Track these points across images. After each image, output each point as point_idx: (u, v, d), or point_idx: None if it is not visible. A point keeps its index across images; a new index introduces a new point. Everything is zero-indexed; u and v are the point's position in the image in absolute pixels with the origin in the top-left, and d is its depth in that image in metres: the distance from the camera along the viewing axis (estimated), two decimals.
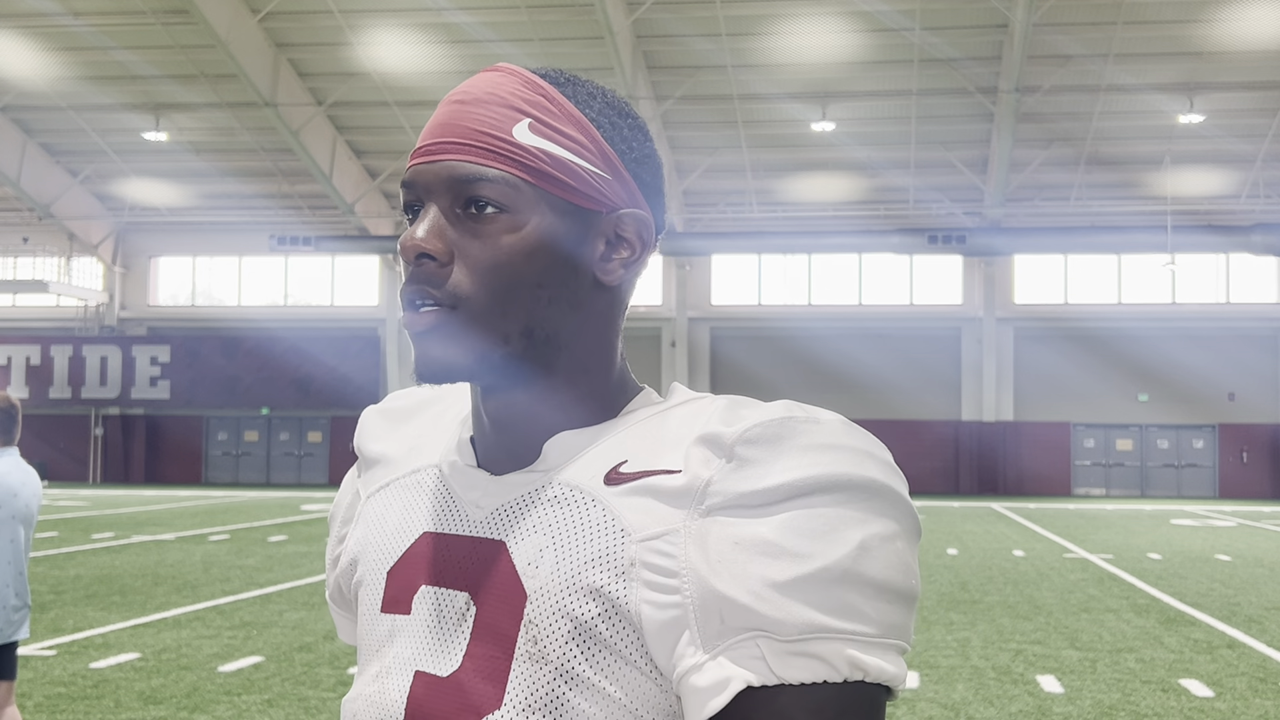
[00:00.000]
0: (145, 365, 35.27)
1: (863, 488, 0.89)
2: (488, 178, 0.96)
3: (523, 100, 0.99)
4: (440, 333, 0.95)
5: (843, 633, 0.86)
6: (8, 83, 28.64)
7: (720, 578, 0.88)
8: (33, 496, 5.15)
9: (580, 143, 0.99)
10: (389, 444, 1.13)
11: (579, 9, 24.74)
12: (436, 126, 0.99)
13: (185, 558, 14.70)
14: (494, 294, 0.96)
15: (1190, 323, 32.09)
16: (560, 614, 0.92)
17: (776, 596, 0.86)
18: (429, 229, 0.96)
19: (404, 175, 1.00)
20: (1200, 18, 24.27)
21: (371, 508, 1.10)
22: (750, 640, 0.87)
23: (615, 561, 0.92)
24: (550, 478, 0.98)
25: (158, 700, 7.12)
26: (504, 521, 0.98)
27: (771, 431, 0.91)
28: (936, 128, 28.86)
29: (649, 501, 0.92)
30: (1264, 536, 19.17)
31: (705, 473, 0.91)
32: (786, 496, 0.88)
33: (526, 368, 0.98)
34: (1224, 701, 7.33)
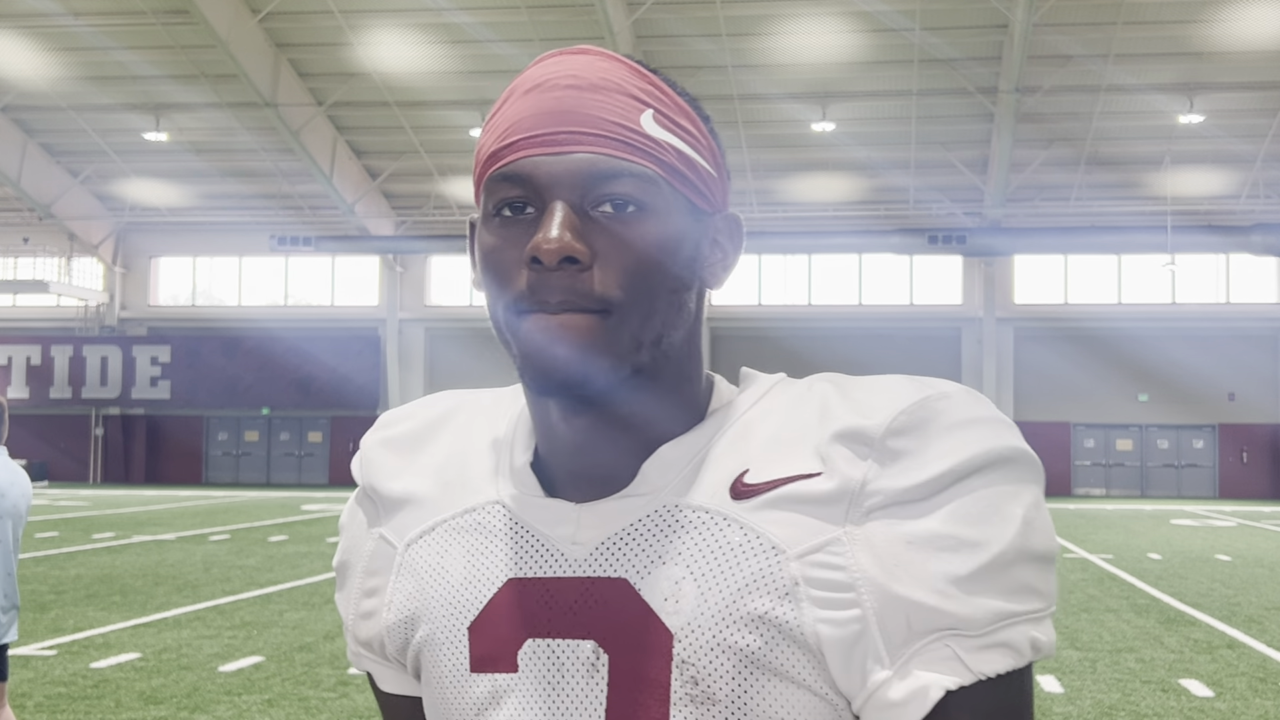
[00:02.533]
0: (145, 365, 35.27)
1: (1009, 459, 0.86)
2: (631, 173, 0.88)
3: (638, 89, 0.91)
4: (585, 339, 0.86)
5: (1024, 614, 0.85)
6: (8, 83, 28.64)
7: (901, 581, 0.83)
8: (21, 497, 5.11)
9: (696, 138, 0.93)
10: (410, 480, 1.01)
11: (579, 9, 24.75)
12: (553, 114, 0.89)
13: (185, 558, 14.70)
14: (639, 300, 0.87)
15: (1190, 323, 32.09)
16: (720, 648, 0.85)
17: (962, 592, 0.83)
18: (569, 228, 0.86)
19: (500, 167, 0.89)
20: (1200, 18, 24.27)
21: (418, 558, 0.98)
22: (939, 641, 0.83)
23: (775, 583, 0.85)
24: (661, 500, 0.90)
25: (158, 700, 7.12)
26: (617, 556, 0.90)
27: (916, 418, 0.86)
28: (936, 128, 28.86)
29: (793, 513, 0.86)
30: (1264, 536, 19.17)
31: (856, 472, 0.86)
32: (946, 484, 0.85)
33: (643, 378, 0.90)
34: (1224, 701, 7.33)
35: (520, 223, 0.88)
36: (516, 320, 0.88)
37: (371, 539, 1.03)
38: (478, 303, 34.80)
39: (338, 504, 25.70)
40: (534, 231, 0.87)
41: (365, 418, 34.71)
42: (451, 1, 24.73)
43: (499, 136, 0.90)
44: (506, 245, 0.89)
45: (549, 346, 0.86)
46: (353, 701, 7.14)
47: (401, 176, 32.61)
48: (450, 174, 32.21)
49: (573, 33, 25.73)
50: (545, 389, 0.88)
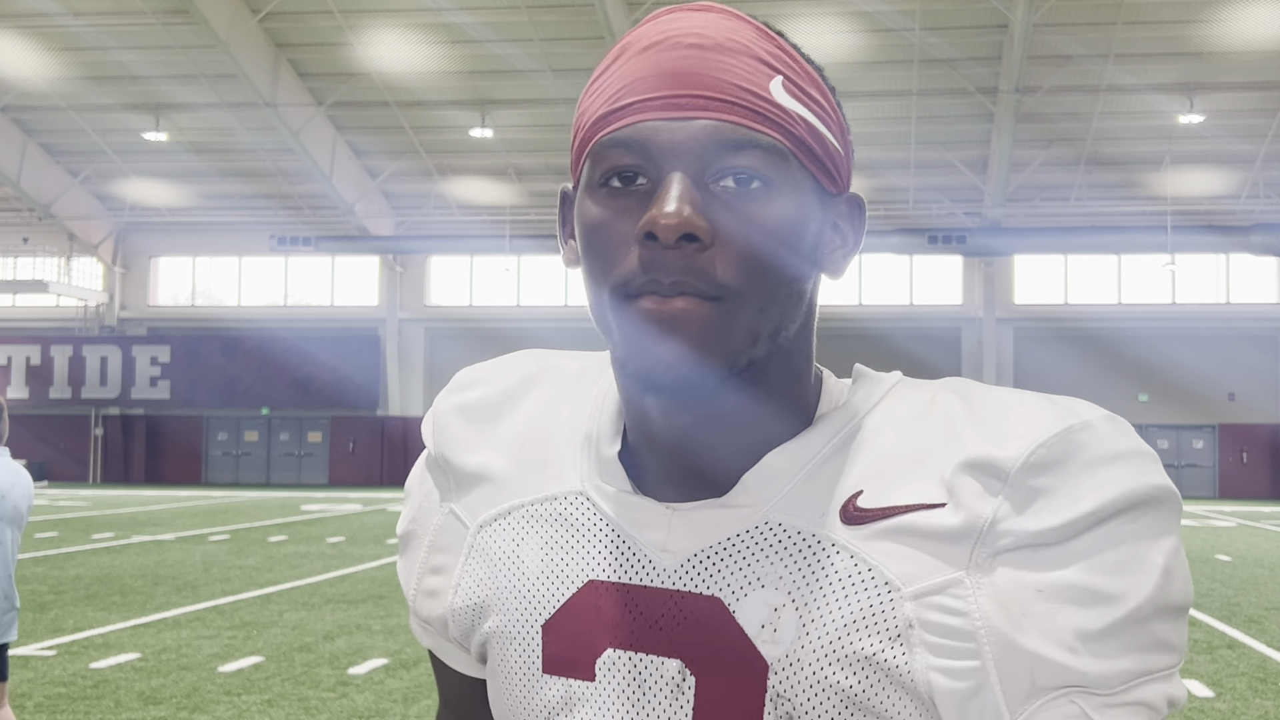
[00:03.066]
0: (145, 365, 35.27)
1: (1155, 499, 0.79)
2: (758, 144, 0.79)
3: (767, 52, 0.82)
4: (700, 327, 0.78)
5: (1159, 670, 0.78)
6: (8, 83, 28.64)
7: (1027, 634, 0.76)
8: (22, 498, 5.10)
9: (825, 110, 0.84)
10: (488, 455, 0.94)
11: (579, 9, 24.75)
12: (674, 75, 0.80)
13: (185, 558, 14.70)
14: (759, 286, 0.79)
15: (1190, 323, 32.09)
16: (820, 686, 0.79)
17: (1094, 647, 0.76)
18: (689, 202, 0.77)
19: (612, 130, 0.81)
20: (1200, 18, 24.27)
21: (492, 542, 0.93)
22: (1065, 698, 0.76)
23: (886, 623, 0.78)
24: (763, 515, 0.83)
25: (158, 700, 7.12)
26: (710, 571, 0.83)
27: (1056, 452, 0.78)
28: (936, 128, 28.86)
29: (910, 547, 0.79)
30: (1264, 537, 19.17)
31: (985, 509, 0.78)
32: (1085, 529, 0.77)
33: (754, 374, 0.82)
34: (1224, 701, 7.33)
35: (631, 194, 0.80)
36: (622, 305, 0.80)
37: (441, 513, 0.97)
38: (478, 302, 34.83)
39: (337, 504, 25.69)
40: (646, 205, 0.79)
41: (365, 418, 34.73)
42: (451, 1, 24.73)
43: (610, 98, 0.82)
44: (615, 219, 0.80)
45: (658, 337, 0.78)
46: (353, 701, 7.13)
47: (401, 176, 32.60)
48: (450, 174, 32.21)
49: (573, 32, 25.74)
50: (648, 387, 0.81)
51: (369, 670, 8.02)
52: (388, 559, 14.64)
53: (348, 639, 9.12)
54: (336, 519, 21.37)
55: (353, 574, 13.15)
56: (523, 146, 30.56)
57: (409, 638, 9.19)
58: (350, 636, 9.25)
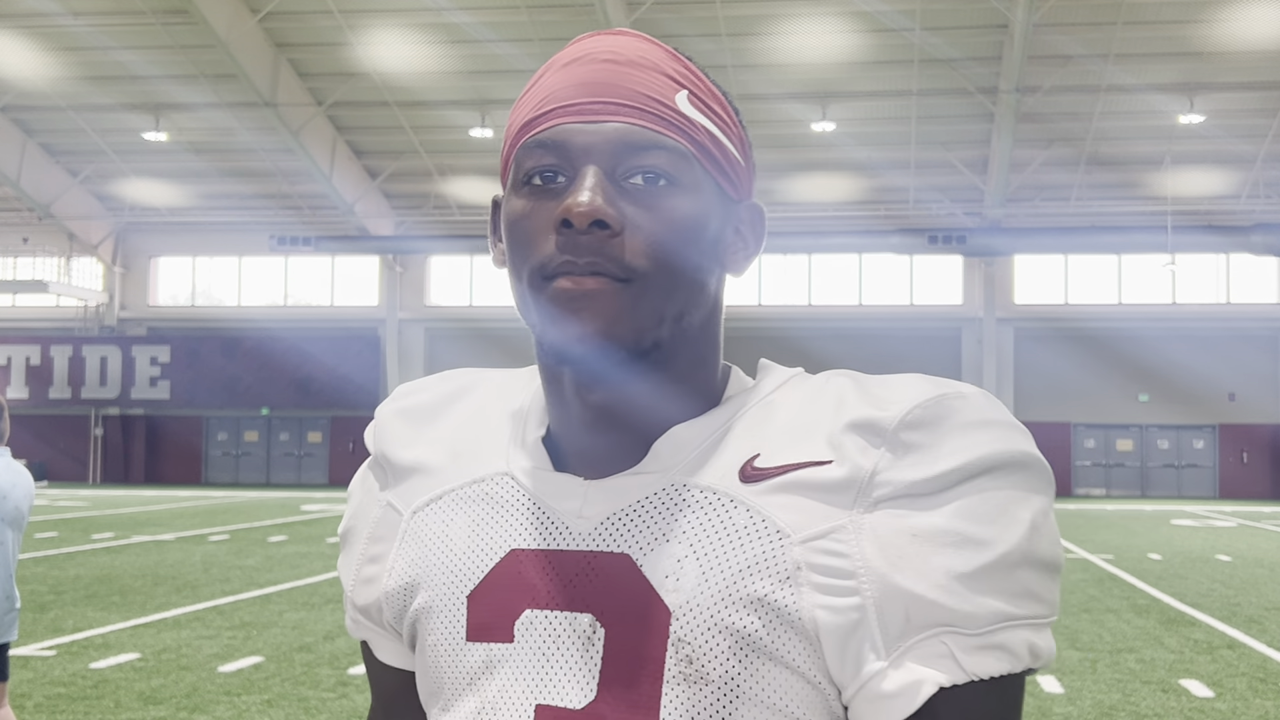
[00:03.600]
0: (145, 365, 35.27)
1: (1021, 464, 0.87)
2: (664, 146, 0.88)
3: (673, 70, 0.92)
4: (609, 305, 0.86)
5: (1024, 618, 0.85)
6: (8, 83, 28.64)
7: (903, 573, 0.83)
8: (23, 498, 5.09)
9: (727, 124, 0.94)
10: (422, 450, 1.01)
11: (579, 9, 24.75)
12: (589, 85, 0.90)
13: (185, 558, 14.70)
14: (665, 270, 0.87)
15: (1190, 323, 32.09)
16: (717, 629, 0.85)
17: (963, 588, 0.83)
18: (600, 193, 0.86)
19: (534, 135, 0.90)
20: (1200, 18, 24.27)
21: (423, 525, 0.98)
22: (935, 638, 0.83)
23: (776, 567, 0.85)
24: (670, 479, 0.90)
25: (158, 700, 7.12)
26: (621, 531, 0.90)
27: (931, 413, 0.86)
28: (936, 128, 28.86)
29: (800, 498, 0.86)
30: (1264, 537, 19.17)
31: (866, 462, 0.86)
32: (956, 481, 0.85)
33: (661, 355, 0.90)
34: (1224, 702, 7.33)
35: (550, 191, 0.89)
36: (541, 284, 0.88)
37: (378, 505, 1.03)
38: (478, 302, 34.84)
39: (338, 504, 25.69)
40: (564, 198, 0.87)
41: (365, 418, 34.70)
42: (451, 1, 24.73)
43: (533, 107, 0.92)
44: (535, 212, 0.89)
45: (573, 313, 0.86)
46: (353, 701, 7.13)
47: (401, 176, 32.60)
48: (450, 174, 32.21)
49: (573, 32, 25.73)
50: (564, 354, 0.88)
51: None
52: None
53: (348, 639, 9.12)
54: (336, 519, 21.37)
55: None
56: None
57: None
58: (350, 637, 9.22)
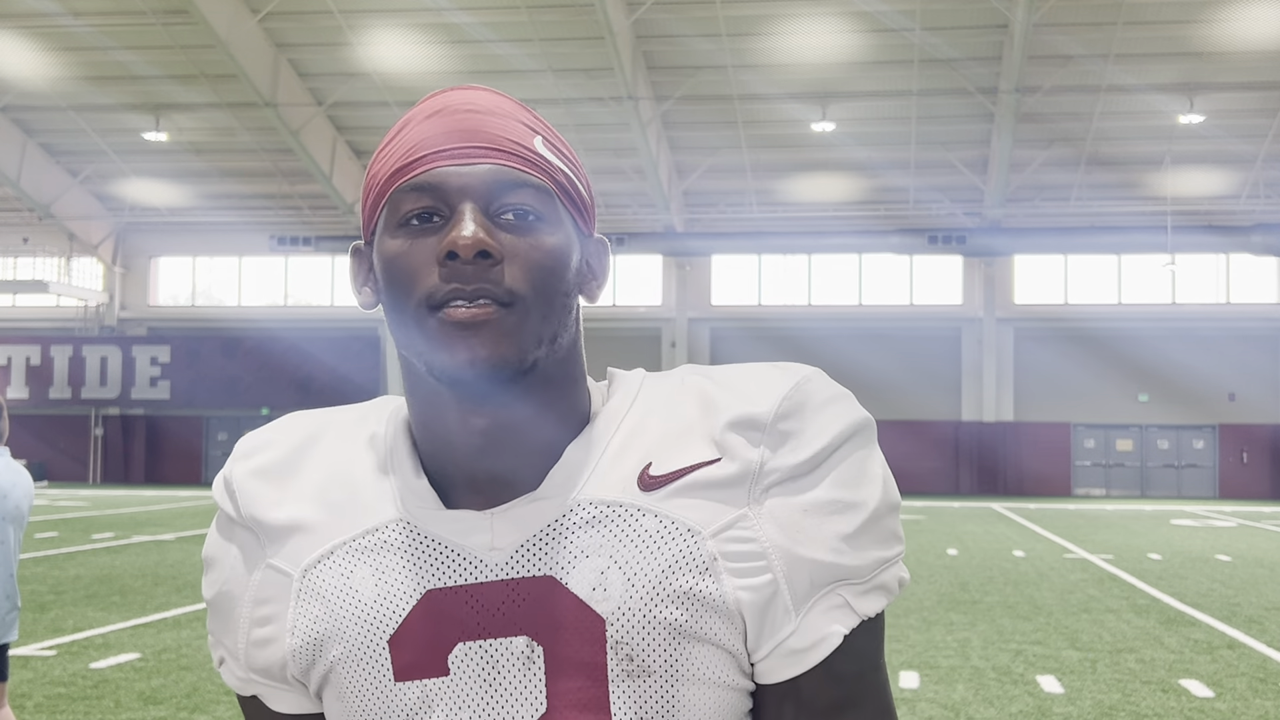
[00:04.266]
0: (145, 365, 35.27)
1: (862, 426, 1.00)
2: (531, 184, 0.96)
3: (527, 118, 1.01)
4: (496, 328, 0.92)
5: (893, 558, 0.99)
6: (8, 83, 28.64)
7: (802, 545, 0.95)
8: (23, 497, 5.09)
9: (575, 166, 1.02)
10: (293, 508, 1.02)
11: (579, 9, 24.75)
12: (460, 132, 0.97)
13: (185, 558, 14.70)
14: (542, 296, 0.95)
15: (1190, 323, 32.09)
16: (652, 625, 0.94)
17: (850, 547, 0.96)
18: (481, 227, 0.93)
19: (409, 179, 0.96)
20: (1200, 18, 24.27)
21: (319, 581, 0.99)
22: (833, 591, 0.96)
23: (695, 562, 0.94)
24: (572, 500, 0.96)
25: (158, 700, 7.12)
26: (538, 556, 0.95)
27: (794, 403, 0.97)
28: (936, 128, 28.86)
29: (699, 498, 0.95)
30: (1264, 537, 19.17)
31: (753, 456, 0.96)
32: (825, 457, 0.97)
33: (539, 376, 0.96)
34: (1224, 702, 7.33)
35: (428, 229, 0.95)
36: (427, 315, 0.93)
37: (257, 569, 1.03)
38: None
39: None
40: (441, 235, 0.94)
41: None
42: (451, 1, 24.73)
43: (403, 155, 0.98)
44: (414, 249, 0.95)
45: (463, 337, 0.92)
46: None
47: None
48: None
49: (573, 32, 25.74)
50: (456, 378, 0.93)
51: None
52: None
53: None
54: None
55: None
56: None
57: None
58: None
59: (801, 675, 0.96)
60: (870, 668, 0.99)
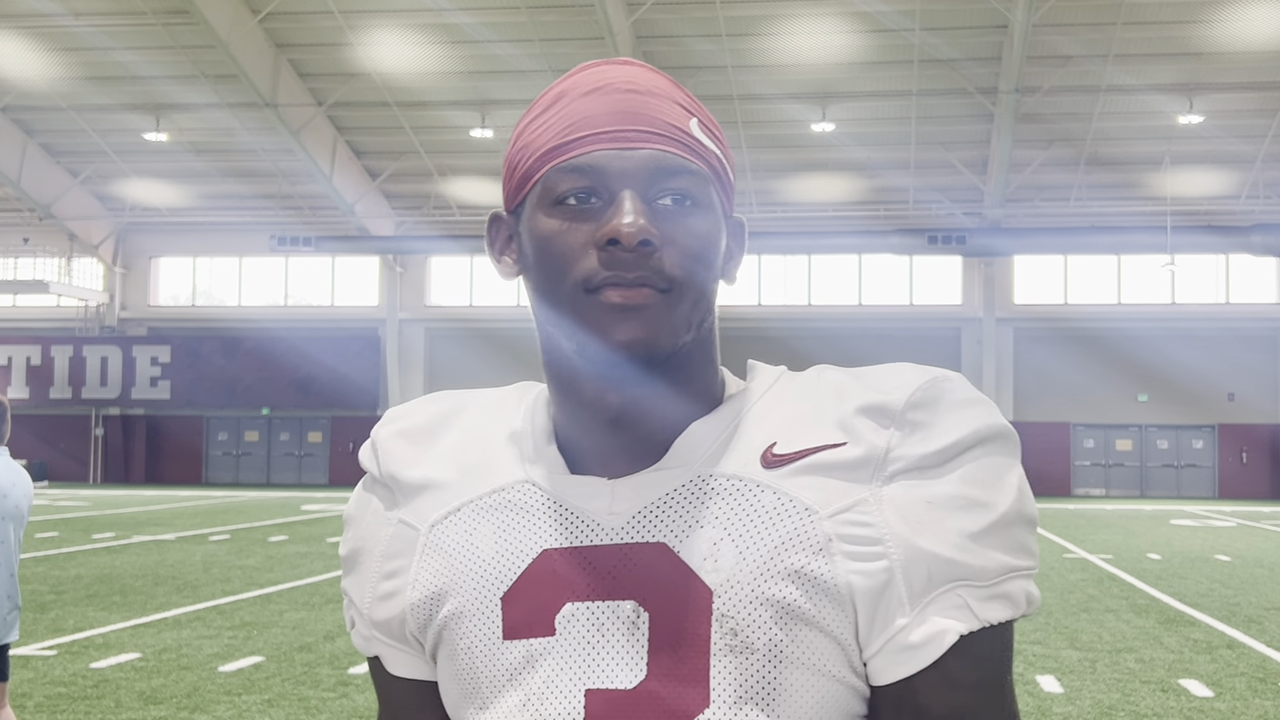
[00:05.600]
0: (145, 365, 35.27)
1: (1004, 435, 0.98)
2: (689, 170, 0.97)
3: (682, 98, 1.01)
4: (654, 313, 0.94)
5: (1021, 569, 0.95)
6: (8, 83, 28.64)
7: (923, 536, 0.93)
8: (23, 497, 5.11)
9: (724, 147, 1.03)
10: (430, 468, 1.05)
11: (579, 9, 24.75)
12: (621, 114, 0.97)
13: (185, 558, 14.71)
14: (695, 281, 0.96)
15: (1190, 323, 32.09)
16: (759, 601, 0.93)
17: (975, 546, 0.93)
18: (643, 214, 0.94)
19: (568, 159, 0.96)
20: (1200, 18, 24.27)
21: (444, 536, 1.02)
22: (952, 591, 0.93)
23: (809, 540, 0.93)
24: (694, 472, 0.98)
25: (158, 700, 7.13)
26: (654, 523, 0.96)
27: (930, 395, 0.96)
28: (936, 128, 28.86)
29: (821, 478, 0.95)
30: (1264, 537, 19.17)
31: (879, 441, 0.95)
32: (957, 452, 0.95)
33: (681, 358, 0.98)
34: (1224, 702, 7.33)
35: (586, 211, 0.95)
36: (587, 296, 0.94)
37: (389, 524, 1.06)
38: (478, 303, 34.83)
39: (338, 504, 25.69)
40: (600, 219, 0.95)
41: (365, 418, 34.72)
42: (451, 1, 24.73)
43: (561, 132, 0.98)
44: (571, 231, 0.95)
45: (623, 321, 0.93)
46: (353, 701, 7.14)
47: (401, 176, 32.60)
48: (450, 174, 32.21)
49: (573, 32, 25.74)
50: (611, 356, 0.94)
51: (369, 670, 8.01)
52: None
53: (348, 639, 9.12)
54: (336, 519, 21.37)
55: None
56: None
57: None
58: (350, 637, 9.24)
59: (918, 676, 0.93)
60: (993, 680, 0.95)
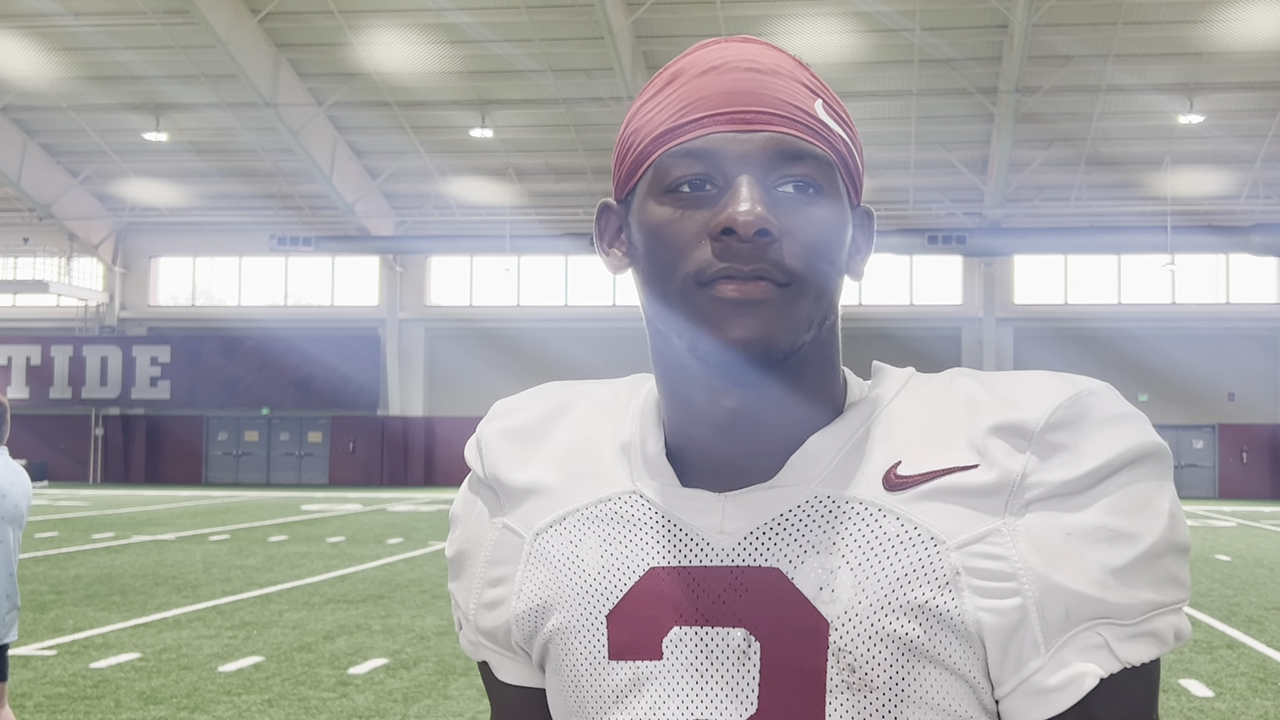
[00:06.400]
0: (145, 365, 35.28)
1: (1154, 454, 0.90)
2: (813, 155, 0.89)
3: (807, 78, 0.93)
4: (772, 309, 0.86)
5: (1170, 604, 0.88)
6: (8, 83, 28.64)
7: (1061, 571, 0.86)
8: (22, 496, 5.11)
9: (853, 133, 0.96)
10: (535, 471, 1.00)
11: (579, 9, 24.75)
12: (739, 94, 0.90)
13: (185, 558, 14.70)
14: (817, 276, 0.88)
15: (1190, 323, 32.09)
16: (879, 637, 0.87)
17: (1118, 582, 0.86)
18: (760, 202, 0.86)
19: (681, 143, 0.89)
20: (1200, 18, 24.27)
21: (549, 546, 0.97)
22: (1092, 629, 0.86)
23: (935, 573, 0.86)
24: (811, 491, 0.90)
25: (158, 700, 7.13)
26: (768, 545, 0.90)
27: (1072, 414, 0.88)
28: (936, 128, 28.86)
29: (950, 504, 0.88)
30: (1264, 536, 19.17)
31: (1015, 465, 0.87)
32: (1101, 478, 0.87)
33: (800, 358, 0.90)
34: (1224, 701, 7.33)
35: (700, 199, 0.89)
36: (696, 290, 0.87)
37: (494, 529, 1.01)
38: (478, 302, 34.82)
39: (337, 504, 25.69)
40: (716, 206, 0.88)
41: (365, 418, 34.74)
42: (451, 1, 24.73)
43: (675, 114, 0.91)
44: (684, 219, 0.88)
45: (738, 316, 0.86)
46: (353, 701, 7.14)
47: (401, 176, 32.60)
48: (450, 174, 32.20)
49: (573, 32, 25.74)
50: (725, 354, 0.87)
51: (369, 670, 8.02)
52: (388, 559, 14.65)
53: (348, 639, 9.13)
54: (336, 519, 21.38)
55: (353, 574, 13.16)
56: (522, 146, 30.56)
57: (409, 637, 9.19)
58: (350, 636, 9.25)
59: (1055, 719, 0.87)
60: (1137, 718, 0.89)
